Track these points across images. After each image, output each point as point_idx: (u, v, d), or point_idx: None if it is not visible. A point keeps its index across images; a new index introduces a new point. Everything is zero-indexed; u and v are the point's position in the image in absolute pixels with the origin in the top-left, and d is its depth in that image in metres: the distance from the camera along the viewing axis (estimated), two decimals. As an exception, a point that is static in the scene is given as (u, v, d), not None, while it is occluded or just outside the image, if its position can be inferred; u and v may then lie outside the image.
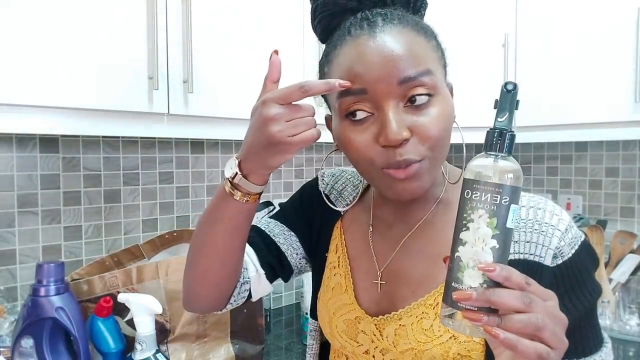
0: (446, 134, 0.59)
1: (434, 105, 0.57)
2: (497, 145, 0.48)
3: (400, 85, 0.56)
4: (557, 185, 2.01)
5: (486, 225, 0.46)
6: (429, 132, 0.57)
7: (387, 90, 0.56)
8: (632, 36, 1.40)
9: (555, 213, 0.64)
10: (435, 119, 0.57)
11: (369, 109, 0.58)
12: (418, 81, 0.56)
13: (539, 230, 0.62)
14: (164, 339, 1.12)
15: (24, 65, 0.90)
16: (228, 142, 1.62)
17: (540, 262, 0.62)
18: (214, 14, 1.15)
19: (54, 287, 0.96)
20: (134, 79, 1.03)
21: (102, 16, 0.99)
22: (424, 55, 0.57)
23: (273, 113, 0.54)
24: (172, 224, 1.50)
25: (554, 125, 1.60)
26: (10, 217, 1.22)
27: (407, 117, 0.57)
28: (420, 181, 0.59)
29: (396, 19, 0.59)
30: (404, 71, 0.55)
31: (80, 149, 1.32)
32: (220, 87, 1.17)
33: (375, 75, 0.56)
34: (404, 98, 0.57)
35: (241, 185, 0.60)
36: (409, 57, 0.56)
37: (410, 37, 0.58)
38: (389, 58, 0.56)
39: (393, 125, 0.55)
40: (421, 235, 0.68)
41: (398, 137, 0.55)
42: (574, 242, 0.63)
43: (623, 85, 1.43)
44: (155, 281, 1.10)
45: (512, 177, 0.46)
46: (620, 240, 1.69)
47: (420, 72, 0.56)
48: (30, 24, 0.91)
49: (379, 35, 0.57)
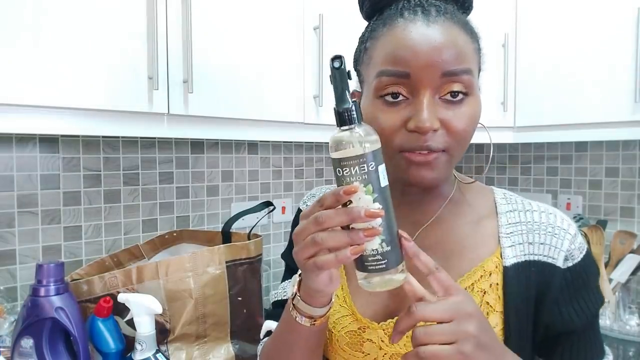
0: (471, 134, 0.61)
1: (466, 104, 0.59)
2: (344, 119, 0.51)
3: (442, 78, 0.57)
4: (557, 185, 2.01)
5: (365, 194, 0.50)
6: (458, 127, 0.58)
7: (429, 79, 0.57)
8: (632, 36, 1.40)
9: (564, 218, 0.67)
10: (465, 117, 0.59)
11: (405, 92, 0.59)
12: (459, 77, 0.58)
13: (552, 233, 0.64)
14: (164, 339, 1.12)
15: (24, 65, 0.90)
16: (228, 142, 1.62)
17: (553, 263, 0.63)
18: (214, 14, 1.15)
19: (53, 287, 0.96)
20: (134, 79, 1.03)
21: (102, 16, 0.99)
22: (468, 55, 0.59)
23: (297, 231, 0.53)
24: (172, 224, 1.50)
25: (554, 125, 1.60)
26: (10, 217, 1.22)
27: (440, 109, 0.58)
28: (435, 172, 0.60)
29: (449, 13, 0.60)
30: (449, 65, 0.57)
31: (80, 149, 1.32)
32: (220, 87, 1.17)
33: (422, 63, 0.57)
34: (442, 91, 0.58)
35: (300, 307, 0.59)
36: (456, 52, 0.57)
37: (459, 35, 0.59)
38: (438, 49, 0.57)
39: (426, 113, 0.57)
40: (430, 234, 0.68)
41: (428, 125, 0.56)
42: (582, 247, 0.66)
43: (623, 85, 1.43)
44: (155, 281, 1.10)
45: (368, 143, 0.50)
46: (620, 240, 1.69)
47: (463, 69, 0.58)
48: (30, 24, 0.91)
49: (432, 25, 0.58)
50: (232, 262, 1.19)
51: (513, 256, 0.64)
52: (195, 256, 1.14)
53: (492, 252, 0.65)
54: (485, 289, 0.64)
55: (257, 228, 1.43)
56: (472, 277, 0.64)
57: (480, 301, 0.64)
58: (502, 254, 0.65)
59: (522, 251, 0.64)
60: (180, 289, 1.11)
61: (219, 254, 1.17)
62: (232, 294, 1.18)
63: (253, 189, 1.69)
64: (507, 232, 0.66)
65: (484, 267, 0.64)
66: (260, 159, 1.71)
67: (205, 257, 1.15)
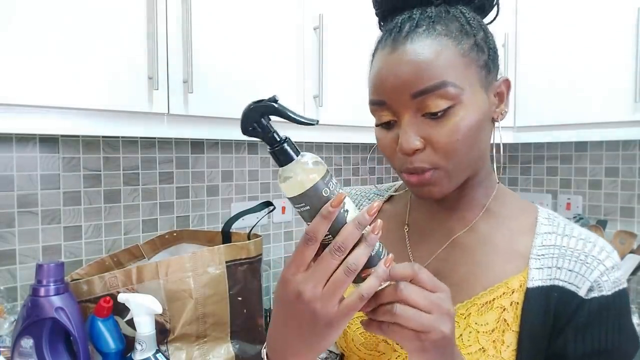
0: (466, 141, 0.59)
1: (453, 115, 0.58)
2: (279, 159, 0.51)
3: (415, 99, 0.57)
4: (557, 185, 2.01)
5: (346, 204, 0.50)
6: (442, 142, 0.58)
7: (402, 103, 0.58)
8: (632, 36, 1.40)
9: (605, 249, 0.64)
10: (451, 129, 0.57)
11: (391, 117, 0.61)
12: (432, 94, 0.57)
13: (583, 261, 0.62)
14: (164, 339, 1.12)
15: (24, 65, 0.90)
16: (228, 142, 1.62)
17: (575, 292, 0.61)
18: (214, 14, 1.15)
19: (53, 287, 0.96)
20: (134, 79, 1.03)
21: (102, 16, 0.99)
22: (443, 66, 0.57)
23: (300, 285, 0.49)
24: (172, 224, 1.50)
25: (554, 125, 1.60)
26: (10, 217, 1.22)
27: (423, 127, 0.58)
28: (438, 186, 0.60)
29: (424, 24, 0.59)
30: (416, 86, 0.57)
31: (80, 149, 1.32)
32: (220, 87, 1.17)
33: (390, 89, 0.58)
34: (423, 109, 0.58)
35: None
36: (424, 70, 0.57)
37: (432, 48, 0.57)
38: (402, 73, 0.57)
39: (404, 136, 0.58)
40: (462, 242, 0.67)
41: (409, 147, 0.58)
42: (617, 282, 0.62)
43: (623, 85, 1.43)
44: (155, 281, 1.10)
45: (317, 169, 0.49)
46: (620, 240, 1.69)
47: (433, 85, 0.56)
48: (30, 24, 0.91)
49: (400, 48, 0.59)
50: (232, 262, 1.19)
51: (539, 279, 0.63)
52: (195, 256, 1.14)
53: (519, 271, 0.64)
54: (505, 306, 0.62)
55: (257, 228, 1.43)
56: (494, 293, 0.63)
57: (498, 317, 0.62)
58: (528, 274, 0.63)
59: (549, 275, 0.63)
60: (180, 289, 1.11)
61: (219, 254, 1.17)
62: (232, 294, 1.18)
63: (253, 189, 1.69)
64: (538, 253, 0.64)
65: (508, 284, 0.63)
66: (260, 159, 1.71)
67: (205, 257, 1.15)
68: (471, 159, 0.61)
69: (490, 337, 0.62)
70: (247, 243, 1.22)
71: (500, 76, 0.66)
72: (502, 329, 0.62)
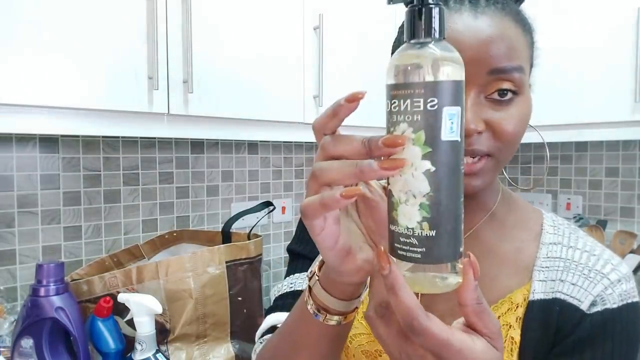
0: (520, 136, 0.55)
1: (516, 104, 0.54)
2: (417, 28, 0.35)
3: (489, 75, 0.52)
4: (557, 185, 2.01)
5: (412, 144, 0.34)
6: (506, 129, 0.53)
7: (474, 76, 0.51)
8: (632, 36, 1.40)
9: (611, 262, 0.60)
10: (514, 118, 0.54)
11: None
12: (508, 75, 0.52)
13: (586, 275, 0.59)
14: (164, 339, 1.12)
15: (24, 65, 0.90)
16: (228, 142, 1.62)
17: (576, 305, 0.58)
18: (214, 14, 1.15)
19: (53, 287, 0.96)
20: (134, 79, 1.03)
21: (102, 16, 0.99)
22: (519, 50, 0.53)
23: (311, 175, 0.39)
24: (172, 224, 1.50)
25: (554, 125, 1.60)
26: (10, 217, 1.22)
27: (486, 109, 0.53)
28: (483, 178, 0.55)
29: (500, 3, 0.54)
30: (498, 62, 0.51)
31: (80, 149, 1.32)
32: (220, 87, 1.17)
33: (468, 58, 0.48)
34: (489, 89, 0.53)
35: (316, 294, 0.47)
36: (507, 48, 0.52)
37: (510, 27, 0.53)
38: (486, 43, 0.51)
39: (469, 114, 0.51)
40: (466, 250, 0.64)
41: (472, 127, 0.51)
42: (624, 296, 0.58)
43: (623, 85, 1.43)
44: (155, 281, 1.10)
45: (438, 68, 0.33)
46: (620, 240, 1.69)
47: (513, 66, 0.52)
48: (30, 24, 0.91)
49: (480, 17, 0.52)
50: (232, 262, 1.19)
51: (541, 291, 0.60)
52: (195, 256, 1.14)
53: (523, 284, 0.61)
54: (511, 323, 0.59)
55: (257, 228, 1.43)
56: (499, 309, 0.60)
57: (505, 336, 0.59)
58: (531, 286, 0.60)
59: (552, 288, 0.60)
60: (180, 289, 1.11)
61: (219, 254, 1.17)
62: (232, 294, 1.18)
63: (253, 189, 1.69)
64: (543, 265, 0.61)
65: (512, 299, 0.60)
66: (260, 159, 1.71)
67: (205, 257, 1.15)
68: (512, 155, 0.57)
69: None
70: (247, 243, 1.22)
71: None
72: (510, 348, 0.59)
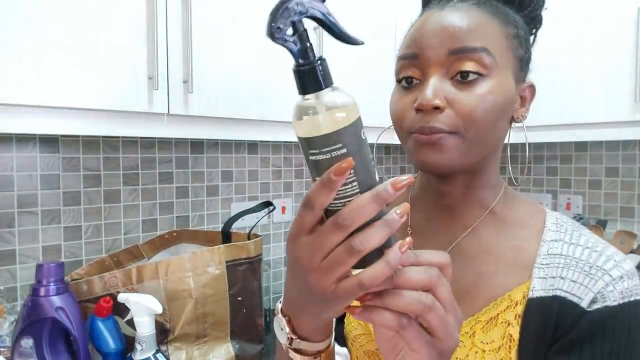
0: (488, 116, 0.56)
1: (481, 86, 0.55)
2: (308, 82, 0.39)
3: (450, 56, 0.55)
4: (557, 185, 2.01)
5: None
6: (466, 106, 0.55)
7: (435, 58, 0.56)
8: (632, 36, 1.40)
9: (613, 259, 0.59)
10: (478, 96, 0.55)
11: (418, 76, 0.58)
12: (468, 55, 0.55)
13: (587, 272, 0.58)
14: (164, 339, 1.12)
15: (24, 65, 0.90)
16: (228, 142, 1.62)
17: (577, 303, 0.57)
18: (214, 14, 1.15)
19: (53, 287, 0.96)
20: (134, 79, 1.03)
21: (102, 16, 0.99)
22: (486, 35, 0.56)
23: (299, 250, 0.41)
24: (171, 224, 1.50)
25: (554, 125, 1.60)
26: (10, 217, 1.22)
27: (449, 88, 0.56)
28: (443, 155, 0.55)
29: (480, 2, 0.59)
30: (456, 42, 0.55)
31: (80, 149, 1.32)
32: (220, 87, 1.17)
33: (428, 42, 0.56)
34: (451, 71, 0.56)
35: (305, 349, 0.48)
36: (467, 31, 0.56)
37: (479, 17, 0.57)
38: (446, 28, 0.56)
39: (428, 90, 0.55)
40: (466, 248, 0.63)
41: (429, 102, 0.54)
42: (626, 293, 0.57)
43: (623, 85, 1.43)
44: (155, 281, 1.10)
45: (343, 115, 0.37)
46: (620, 240, 1.69)
47: (473, 47, 0.55)
48: (30, 24, 0.91)
49: (447, 9, 0.58)
50: (232, 262, 1.19)
51: (541, 289, 0.59)
52: (195, 256, 1.14)
53: (522, 282, 0.60)
54: (510, 320, 0.59)
55: (257, 228, 1.43)
56: (498, 307, 0.60)
57: (503, 333, 0.59)
58: (531, 283, 0.60)
59: (552, 285, 0.59)
60: (180, 289, 1.11)
61: (218, 254, 1.17)
62: (232, 293, 1.18)
63: (253, 189, 1.69)
64: (543, 262, 0.61)
65: (511, 296, 0.60)
66: (260, 159, 1.71)
67: (205, 257, 1.15)
68: (487, 140, 0.58)
69: (497, 355, 0.59)
70: (247, 243, 1.22)
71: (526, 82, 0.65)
72: (509, 345, 0.59)
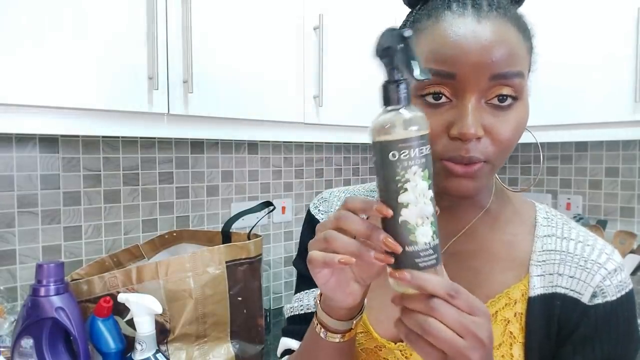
0: (516, 142, 0.56)
1: (515, 110, 0.55)
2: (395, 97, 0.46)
3: (491, 81, 0.52)
4: (557, 185, 2.01)
5: (422, 180, 0.45)
6: (503, 135, 0.54)
7: (476, 82, 0.52)
8: (632, 36, 1.40)
9: (605, 252, 0.61)
10: (512, 124, 0.54)
11: (449, 94, 0.54)
12: (509, 81, 0.53)
13: (583, 267, 0.60)
14: (164, 339, 1.12)
15: (24, 65, 0.90)
16: (228, 142, 1.62)
17: (578, 298, 0.59)
18: (214, 14, 1.15)
19: (53, 287, 0.96)
20: (134, 79, 1.03)
21: (102, 16, 0.99)
22: (519, 56, 0.54)
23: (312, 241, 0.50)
24: (171, 224, 1.50)
25: (554, 125, 1.60)
26: (10, 217, 1.22)
27: (485, 115, 0.53)
28: (476, 183, 0.55)
29: (502, 8, 0.55)
30: (500, 67, 0.52)
31: (80, 149, 1.32)
32: (220, 87, 1.17)
33: (470, 63, 0.51)
34: (489, 94, 0.53)
35: (322, 319, 0.55)
36: (508, 54, 0.52)
37: (511, 33, 0.54)
38: (488, 49, 0.52)
39: (470, 119, 0.52)
40: (462, 247, 0.64)
41: (472, 132, 0.51)
42: (621, 285, 0.60)
43: (623, 85, 1.43)
44: (155, 281, 1.10)
45: (423, 124, 0.46)
46: (620, 240, 1.69)
47: (513, 72, 0.53)
48: (30, 24, 0.91)
49: (483, 22, 0.53)
50: (232, 262, 1.19)
51: (540, 286, 0.60)
52: (195, 256, 1.14)
53: (519, 279, 0.61)
54: (509, 318, 0.60)
55: (257, 228, 1.43)
56: (497, 305, 0.61)
57: (503, 331, 0.60)
58: (529, 282, 0.61)
59: (551, 282, 0.60)
60: (180, 289, 1.11)
61: (219, 254, 1.17)
62: (232, 294, 1.18)
63: (253, 189, 1.69)
64: (539, 259, 0.61)
65: (510, 294, 0.61)
66: (260, 159, 1.71)
67: (205, 257, 1.15)
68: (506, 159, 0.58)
69: (498, 352, 0.60)
70: (247, 243, 1.22)
71: None
72: (509, 343, 0.60)
